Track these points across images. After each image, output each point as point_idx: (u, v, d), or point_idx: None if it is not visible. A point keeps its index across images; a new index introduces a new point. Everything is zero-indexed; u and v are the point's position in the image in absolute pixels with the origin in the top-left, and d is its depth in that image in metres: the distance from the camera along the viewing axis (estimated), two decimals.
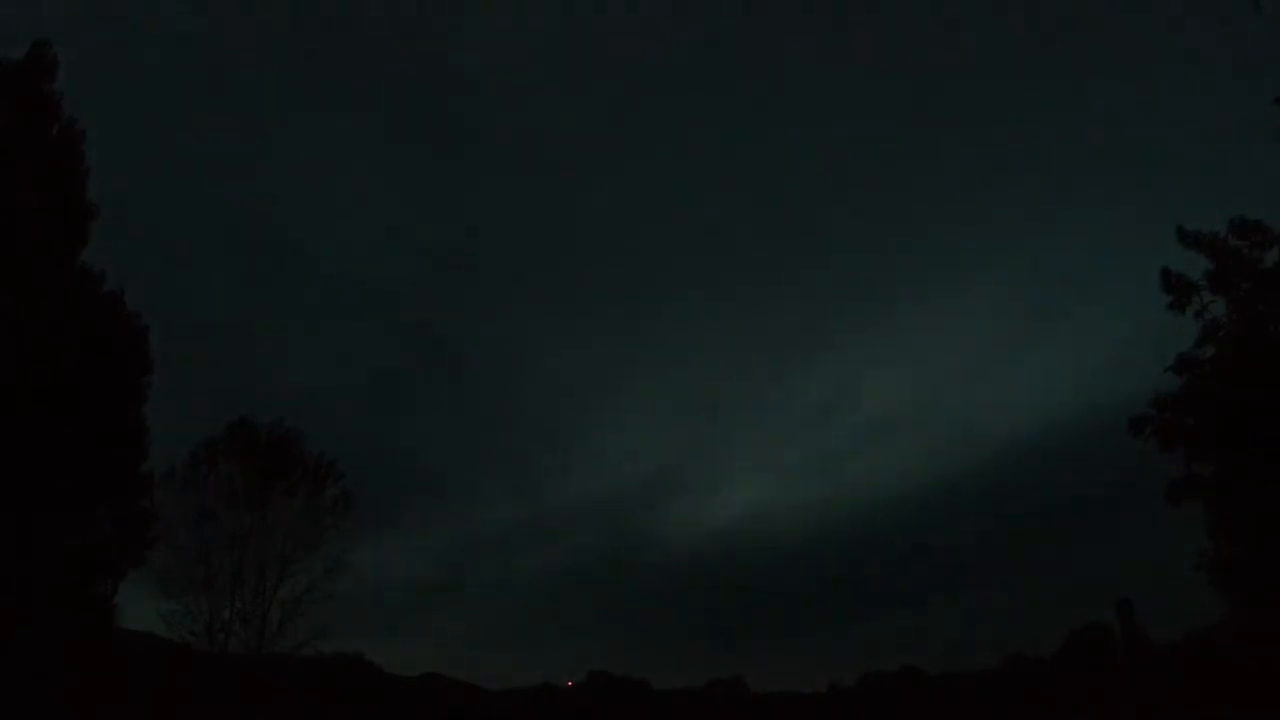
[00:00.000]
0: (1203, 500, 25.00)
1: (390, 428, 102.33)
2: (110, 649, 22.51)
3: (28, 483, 18.86)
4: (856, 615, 72.45)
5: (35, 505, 18.93)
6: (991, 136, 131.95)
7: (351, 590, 29.66)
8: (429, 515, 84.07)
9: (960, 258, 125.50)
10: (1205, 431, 24.86)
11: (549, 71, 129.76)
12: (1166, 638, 35.52)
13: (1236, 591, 24.96)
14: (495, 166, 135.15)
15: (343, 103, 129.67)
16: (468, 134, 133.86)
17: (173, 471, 27.90)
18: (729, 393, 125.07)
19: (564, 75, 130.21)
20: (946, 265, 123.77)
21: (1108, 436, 28.40)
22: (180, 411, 29.93)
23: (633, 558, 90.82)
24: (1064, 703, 33.37)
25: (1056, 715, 32.97)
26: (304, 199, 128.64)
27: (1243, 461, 24.14)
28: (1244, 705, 24.24)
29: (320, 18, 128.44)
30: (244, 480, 29.51)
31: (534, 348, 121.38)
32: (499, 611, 72.47)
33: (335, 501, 30.42)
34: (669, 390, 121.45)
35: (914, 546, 78.76)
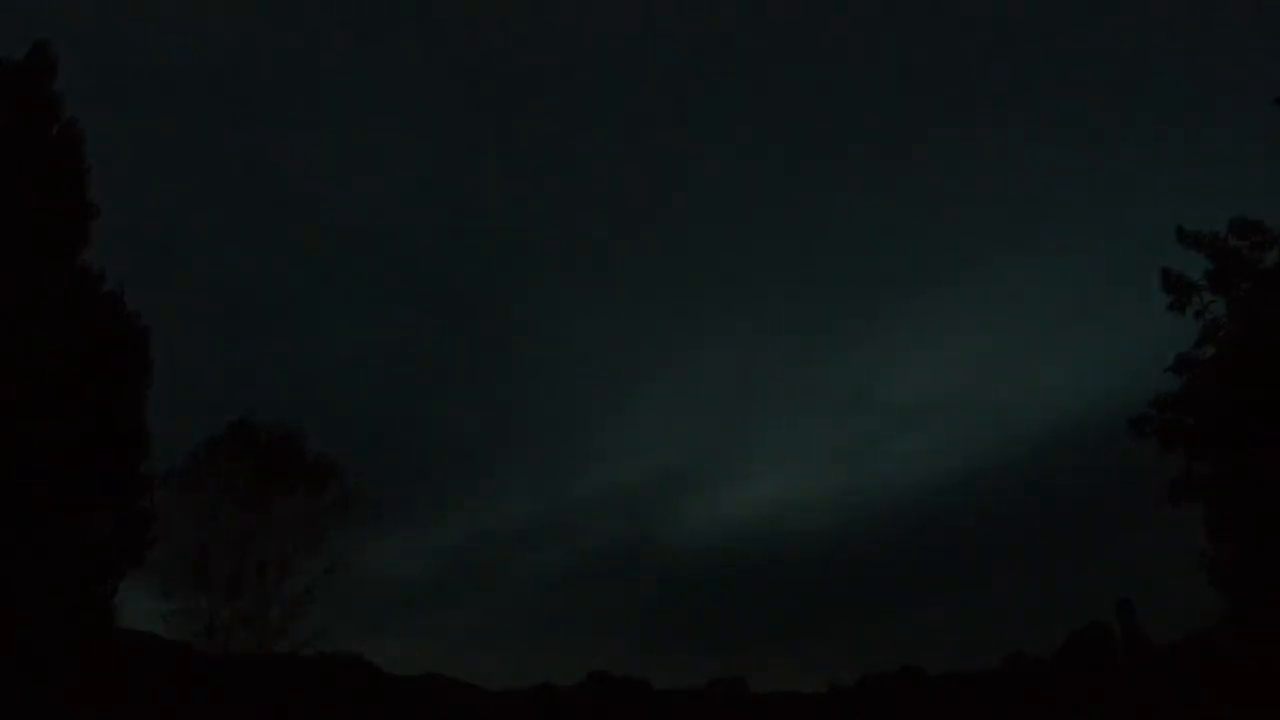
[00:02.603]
0: (1203, 500, 25.03)
1: (409, 411, 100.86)
2: (110, 649, 22.51)
3: (27, 483, 18.87)
4: (856, 615, 72.35)
5: (35, 505, 18.94)
6: (1029, 128, 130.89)
7: (351, 590, 29.73)
8: (441, 506, 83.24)
9: (997, 245, 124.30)
10: (1205, 431, 24.88)
11: (600, 43, 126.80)
12: (1166, 638, 35.58)
13: (1236, 591, 24.97)
14: (539, 138, 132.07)
15: (373, 53, 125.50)
16: (513, 99, 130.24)
17: (173, 472, 27.94)
18: (757, 381, 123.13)
19: (613, 51, 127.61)
20: (982, 253, 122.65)
21: (1110, 436, 28.42)
22: (180, 411, 29.90)
23: (646, 554, 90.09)
24: (1064, 703, 33.39)
25: (1056, 715, 32.99)
26: (328, 158, 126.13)
27: (1243, 461, 24.16)
28: (1244, 705, 24.26)
29: None
30: (244, 480, 29.54)
31: (564, 330, 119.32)
32: (501, 610, 72.26)
33: (336, 501, 30.46)
34: (698, 376, 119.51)
35: (917, 545, 78.67)
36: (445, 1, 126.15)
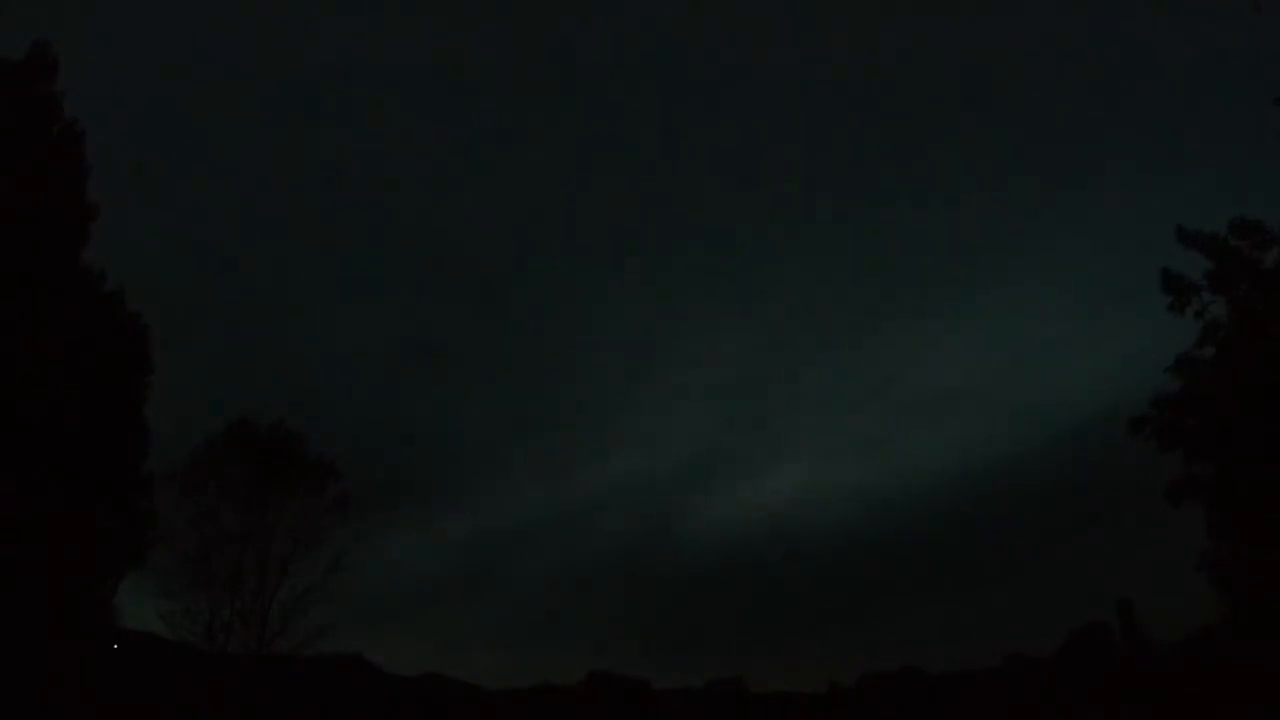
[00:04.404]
0: (1203, 500, 25.05)
1: (419, 404, 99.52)
2: (110, 649, 22.53)
3: (28, 483, 18.88)
4: (857, 615, 72.32)
5: (35, 505, 18.95)
6: (1033, 131, 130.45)
7: (352, 590, 29.74)
8: (451, 502, 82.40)
9: (1010, 242, 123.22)
10: (1205, 431, 24.90)
11: (625, 37, 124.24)
12: (1166, 638, 35.56)
13: (1236, 591, 25.00)
14: (553, 129, 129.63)
15: (372, 36, 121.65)
16: (527, 86, 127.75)
17: (173, 472, 27.93)
18: (777, 373, 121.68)
19: (635, 45, 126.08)
20: (998, 249, 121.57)
21: (1111, 436, 28.47)
22: (180, 411, 29.89)
23: (651, 554, 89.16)
24: (1064, 703, 33.38)
25: (1056, 715, 32.99)
26: (332, 144, 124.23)
27: (1243, 461, 24.18)
28: (1244, 705, 24.27)
29: None
30: (244, 480, 29.55)
31: (578, 321, 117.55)
32: (502, 610, 72.18)
33: (335, 501, 30.48)
34: (717, 368, 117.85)
35: (918, 544, 78.59)
36: None
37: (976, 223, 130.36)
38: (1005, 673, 39.68)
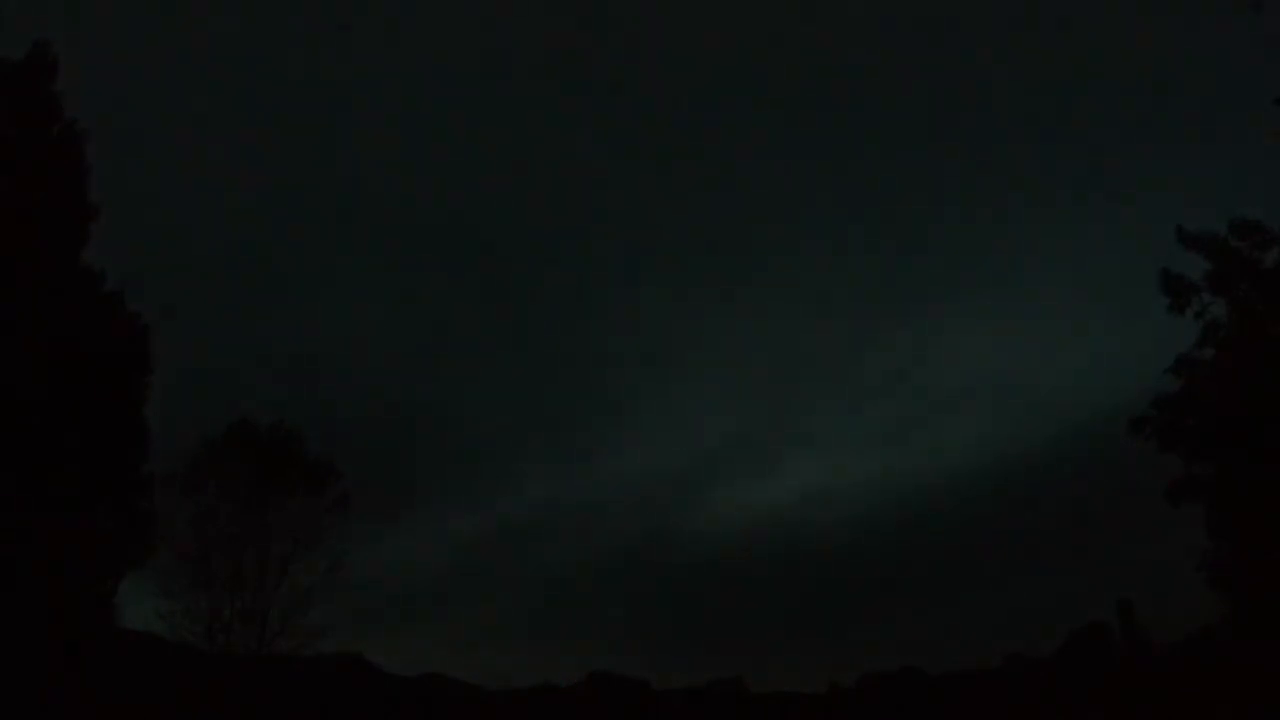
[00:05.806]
0: (1203, 500, 25.08)
1: (422, 399, 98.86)
2: (110, 649, 22.54)
3: (28, 483, 18.89)
4: (857, 615, 72.28)
5: (35, 505, 18.96)
6: (1036, 129, 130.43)
7: (352, 590, 29.78)
8: (450, 500, 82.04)
9: (1028, 233, 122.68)
10: (1205, 432, 24.93)
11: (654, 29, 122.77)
12: (1166, 638, 35.56)
13: (1236, 591, 25.02)
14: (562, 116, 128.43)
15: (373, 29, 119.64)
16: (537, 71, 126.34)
17: (173, 472, 27.95)
18: (792, 367, 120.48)
19: (658, 35, 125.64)
20: (1010, 246, 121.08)
21: (1111, 436, 28.50)
22: (180, 411, 29.89)
23: (653, 553, 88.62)
24: (1064, 703, 33.38)
25: (1056, 715, 32.99)
26: (332, 131, 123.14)
27: (1242, 462, 24.20)
28: (1244, 705, 24.28)
29: None
30: (244, 480, 29.58)
31: (587, 313, 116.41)
32: (502, 610, 72.09)
33: (335, 501, 30.52)
34: (731, 362, 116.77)
35: (918, 544, 78.57)
36: None
37: (976, 223, 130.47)
38: (1005, 673, 39.64)
